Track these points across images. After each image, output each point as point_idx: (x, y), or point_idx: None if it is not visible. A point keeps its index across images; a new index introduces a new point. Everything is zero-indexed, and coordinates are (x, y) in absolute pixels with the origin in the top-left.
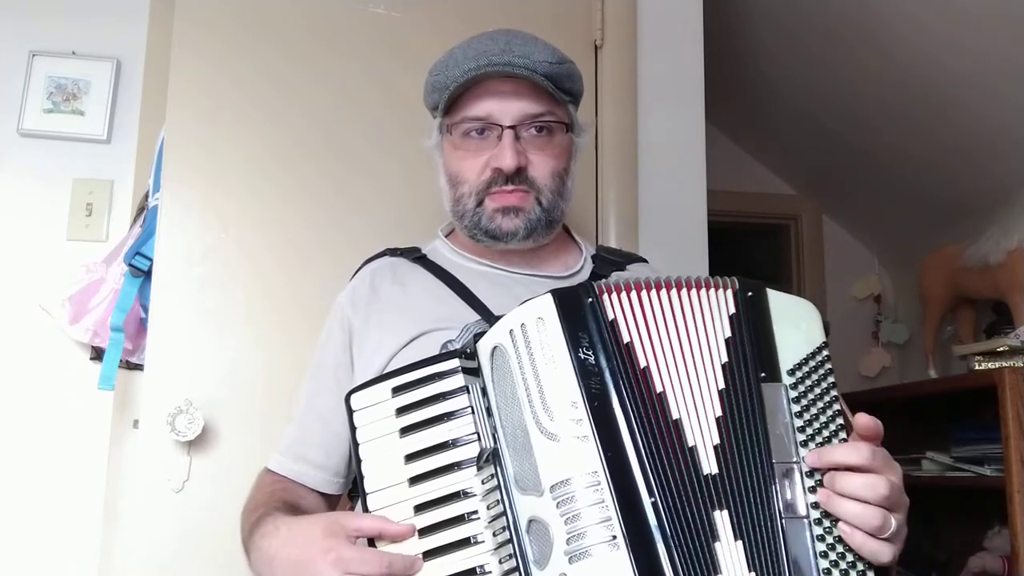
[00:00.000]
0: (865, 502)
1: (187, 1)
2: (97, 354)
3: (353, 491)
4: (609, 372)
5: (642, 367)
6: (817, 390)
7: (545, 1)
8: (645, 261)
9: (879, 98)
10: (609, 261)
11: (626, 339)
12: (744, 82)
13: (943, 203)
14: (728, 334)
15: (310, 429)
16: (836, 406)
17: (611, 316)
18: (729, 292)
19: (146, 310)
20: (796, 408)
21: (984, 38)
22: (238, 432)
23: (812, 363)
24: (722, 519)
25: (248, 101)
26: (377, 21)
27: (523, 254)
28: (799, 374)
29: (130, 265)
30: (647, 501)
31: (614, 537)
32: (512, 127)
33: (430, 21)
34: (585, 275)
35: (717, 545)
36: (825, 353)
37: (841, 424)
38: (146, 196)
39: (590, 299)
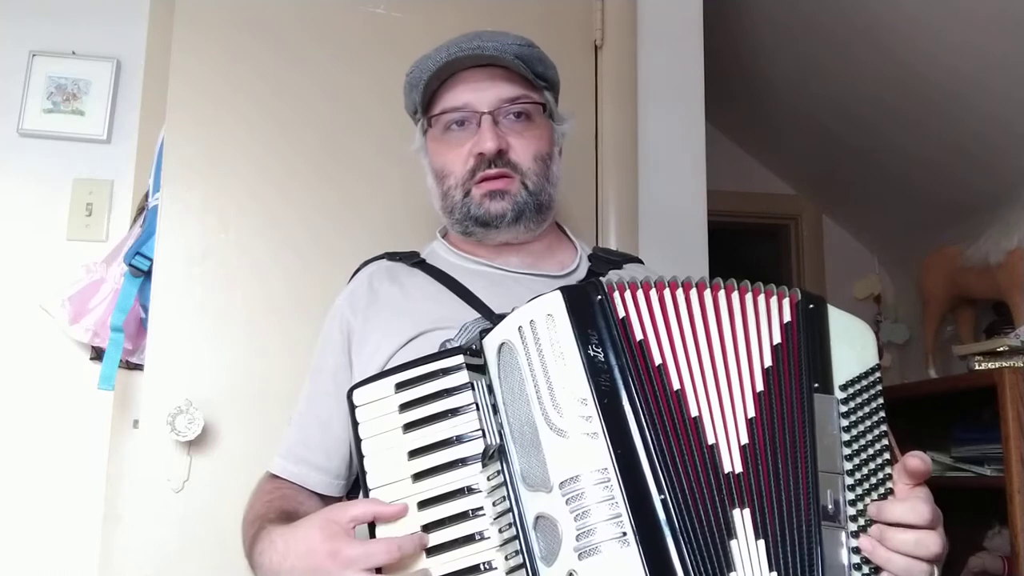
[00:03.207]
0: (915, 558)
1: (187, 1)
2: (97, 354)
3: (352, 493)
4: (619, 369)
5: (657, 364)
6: (867, 409)
7: (545, 1)
8: (641, 262)
9: (879, 98)
10: (605, 260)
11: (639, 336)
12: (744, 82)
13: (943, 203)
14: (778, 341)
15: (310, 432)
16: (883, 427)
17: (622, 314)
18: (787, 301)
19: (146, 310)
20: (844, 423)
21: (984, 38)
22: (238, 432)
23: (864, 383)
24: (742, 517)
25: (248, 101)
26: (376, 21)
27: (519, 252)
28: (850, 391)
29: (130, 265)
30: (657, 498)
31: (624, 534)
32: (490, 113)
33: (429, 21)
34: (581, 274)
35: (733, 543)
36: (877, 375)
37: (886, 444)
38: (146, 196)
39: (599, 296)
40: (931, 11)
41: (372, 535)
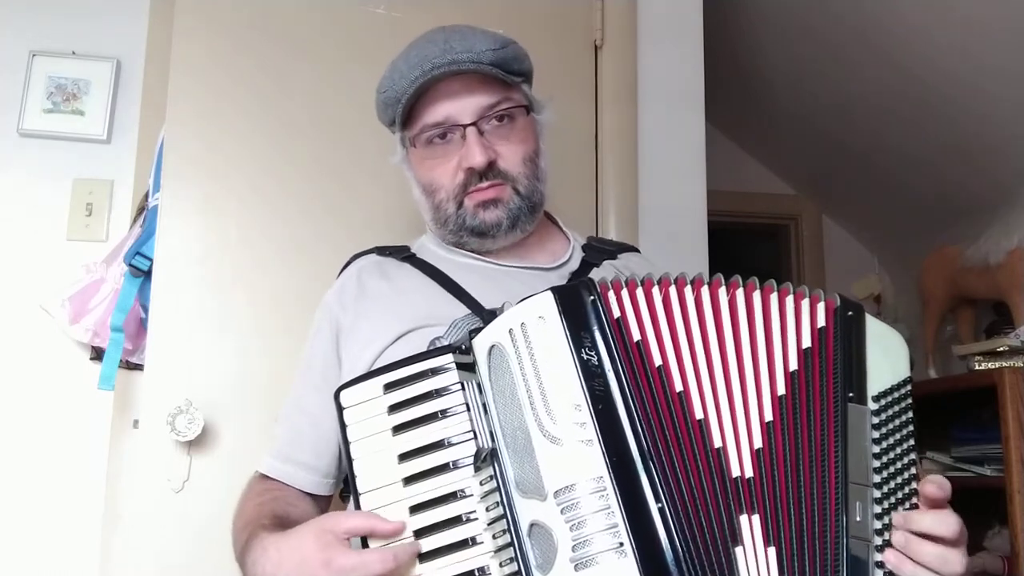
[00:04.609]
0: (940, 574)
1: (187, 1)
2: (97, 354)
3: (345, 492)
4: (613, 372)
5: (657, 366)
6: (897, 421)
7: (545, 1)
8: (636, 251)
9: (878, 100)
10: (599, 250)
11: (636, 337)
12: (744, 82)
13: (943, 203)
14: (808, 345)
15: (299, 429)
16: (912, 440)
17: (616, 314)
18: (822, 305)
19: (146, 310)
20: (875, 435)
21: (981, 41)
22: (238, 432)
23: (896, 395)
24: (749, 523)
25: (248, 101)
26: (377, 21)
27: (510, 245)
28: (883, 402)
29: (130, 265)
30: (654, 507)
31: (621, 544)
32: (473, 123)
33: (430, 21)
34: (574, 265)
35: (738, 550)
36: (908, 388)
37: (914, 459)
38: (146, 196)
39: (592, 297)
40: (929, 15)
41: (364, 543)
